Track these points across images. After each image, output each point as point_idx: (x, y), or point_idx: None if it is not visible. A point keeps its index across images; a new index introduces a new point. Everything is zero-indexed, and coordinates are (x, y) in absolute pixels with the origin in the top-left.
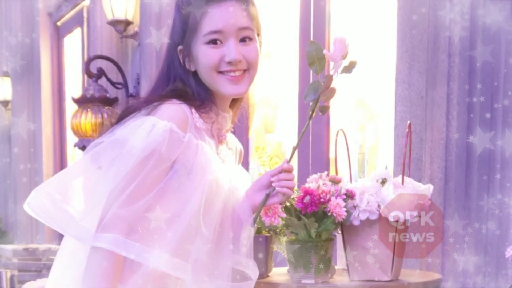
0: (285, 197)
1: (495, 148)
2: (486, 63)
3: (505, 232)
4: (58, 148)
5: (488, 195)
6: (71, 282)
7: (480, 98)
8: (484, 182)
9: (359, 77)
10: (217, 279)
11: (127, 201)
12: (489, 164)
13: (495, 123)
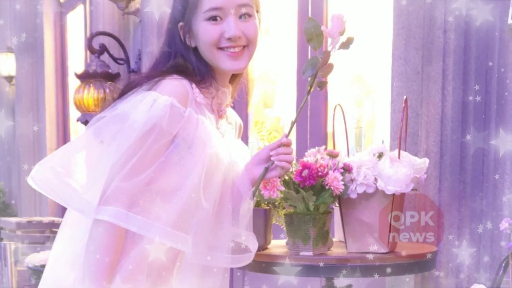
0: (284, 170)
1: (490, 122)
2: (481, 39)
3: (499, 205)
4: (61, 123)
5: (483, 169)
6: (74, 254)
7: (475, 74)
8: (479, 156)
9: (356, 53)
10: (217, 251)
11: (129, 175)
12: (483, 138)
13: (490, 98)
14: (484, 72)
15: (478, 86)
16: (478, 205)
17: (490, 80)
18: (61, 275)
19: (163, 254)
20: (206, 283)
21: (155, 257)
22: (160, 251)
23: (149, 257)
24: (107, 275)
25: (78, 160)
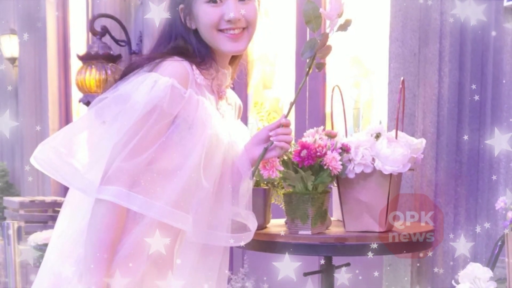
0: (283, 151)
1: (486, 103)
2: (477, 21)
3: (495, 183)
4: (63, 104)
5: (479, 148)
6: (76, 233)
7: (471, 56)
8: (475, 136)
9: (354, 35)
10: (217, 230)
11: (130, 155)
12: (479, 119)
13: (486, 79)
14: (480, 54)
15: (474, 67)
16: (474, 184)
17: (486, 62)
18: (63, 253)
19: (163, 233)
20: (206, 261)
21: (156, 236)
22: (161, 230)
23: (150, 236)
24: (109, 253)
25: (80, 141)
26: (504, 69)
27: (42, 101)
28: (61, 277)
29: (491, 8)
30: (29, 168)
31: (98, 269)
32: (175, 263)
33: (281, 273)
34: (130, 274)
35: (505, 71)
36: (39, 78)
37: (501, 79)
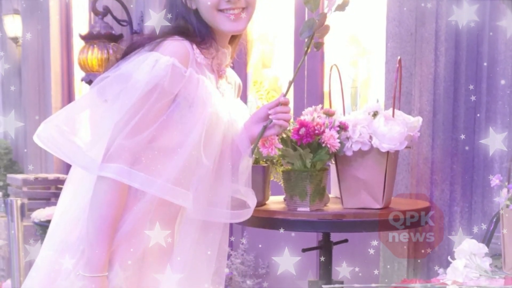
0: (282, 129)
1: (481, 81)
2: (473, 1)
3: (490, 161)
4: (66, 82)
5: (475, 126)
6: (78, 209)
7: (467, 35)
8: (471, 114)
9: (352, 15)
10: (217, 207)
11: (132, 133)
12: (475, 97)
13: (481, 58)
14: (475, 33)
15: (470, 46)
16: (470, 161)
17: (481, 41)
18: (66, 230)
19: (165, 210)
20: (207, 237)
21: (157, 212)
22: (162, 207)
23: (151, 212)
24: (110, 229)
25: (82, 119)
26: (499, 48)
27: (45, 80)
28: (63, 254)
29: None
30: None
31: (100, 245)
32: (176, 238)
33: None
34: (131, 250)
35: (500, 50)
36: (42, 57)
37: (496, 58)
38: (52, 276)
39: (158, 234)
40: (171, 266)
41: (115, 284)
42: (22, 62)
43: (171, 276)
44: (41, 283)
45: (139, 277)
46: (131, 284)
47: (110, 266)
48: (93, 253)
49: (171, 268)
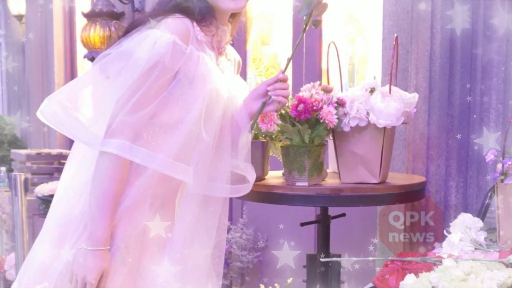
0: (280, 105)
1: (476, 58)
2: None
3: (485, 137)
4: (68, 59)
5: (470, 102)
6: (81, 184)
7: (463, 9)
8: (466, 91)
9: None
10: (217, 181)
11: (133, 109)
12: (470, 74)
13: (476, 36)
14: (471, 10)
15: (465, 24)
16: (465, 137)
17: (476, 18)
18: (69, 204)
19: (165, 184)
20: (207, 212)
21: (158, 187)
22: (163, 182)
23: (152, 187)
24: (112, 204)
25: (84, 95)
26: (494, 26)
27: (48, 57)
28: (66, 228)
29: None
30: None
31: (102, 219)
32: (177, 213)
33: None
34: (133, 224)
35: (495, 28)
36: (45, 34)
37: (491, 35)
38: (55, 250)
39: (159, 208)
40: (172, 240)
41: (117, 258)
42: (26, 40)
43: (172, 249)
44: (44, 256)
45: (140, 250)
46: (132, 257)
47: (112, 240)
48: (95, 227)
49: (172, 242)
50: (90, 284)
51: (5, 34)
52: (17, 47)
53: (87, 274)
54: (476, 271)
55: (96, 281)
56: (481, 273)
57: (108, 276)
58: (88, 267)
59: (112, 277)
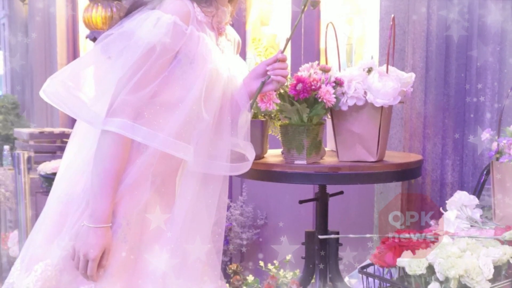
0: (279, 84)
1: (472, 39)
2: None
3: (481, 116)
4: (71, 40)
5: (466, 82)
6: (83, 163)
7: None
8: (462, 70)
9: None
10: (216, 160)
11: (134, 88)
12: (466, 54)
13: (472, 16)
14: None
15: (461, 4)
16: (461, 116)
17: (472, 0)
18: (71, 182)
19: (166, 163)
20: (207, 189)
21: (159, 165)
22: (163, 160)
23: (153, 165)
24: (114, 182)
25: (87, 75)
26: (489, 6)
27: (51, 37)
28: (69, 205)
29: None
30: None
31: (103, 197)
32: (177, 190)
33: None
34: (134, 202)
35: (490, 8)
36: (48, 15)
37: (486, 15)
38: (57, 227)
39: (161, 186)
40: (172, 217)
41: (118, 235)
42: (29, 20)
43: (173, 226)
44: (46, 234)
45: (141, 227)
46: (133, 234)
47: (114, 218)
48: (97, 205)
49: (173, 219)
50: (92, 261)
51: (8, 15)
52: (20, 27)
53: (89, 251)
54: (472, 248)
55: (98, 257)
56: (477, 250)
57: (110, 252)
58: (90, 244)
59: (113, 254)
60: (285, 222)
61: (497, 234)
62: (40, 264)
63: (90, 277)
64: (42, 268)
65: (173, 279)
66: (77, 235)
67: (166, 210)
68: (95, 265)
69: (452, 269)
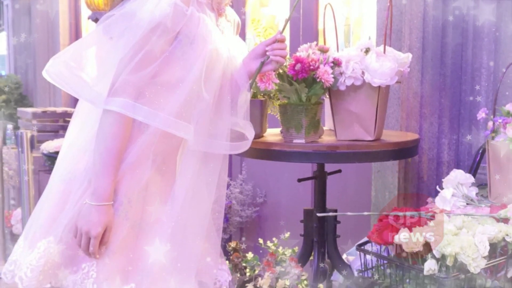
0: (278, 64)
1: (468, 19)
2: None
3: (477, 94)
4: (73, 20)
5: (462, 62)
6: (85, 141)
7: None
8: (458, 51)
9: None
10: (216, 138)
11: (136, 69)
12: (462, 35)
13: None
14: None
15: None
16: (457, 96)
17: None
18: (73, 161)
19: (167, 142)
20: (207, 168)
21: (160, 144)
22: (164, 139)
23: (154, 144)
24: (116, 160)
25: (89, 55)
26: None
27: (54, 18)
28: (71, 184)
29: None
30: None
31: (105, 175)
32: (178, 169)
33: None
34: (135, 180)
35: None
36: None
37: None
38: (60, 205)
39: (161, 164)
40: (173, 195)
41: (120, 213)
42: (32, 2)
43: (173, 204)
44: (49, 211)
45: (142, 205)
46: (135, 212)
47: (115, 196)
48: (99, 183)
49: (173, 197)
50: (94, 238)
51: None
52: (23, 8)
53: (91, 228)
54: (468, 225)
55: (100, 235)
56: (473, 228)
57: (111, 230)
58: (92, 222)
59: (115, 231)
60: (284, 200)
61: (493, 212)
62: (43, 241)
63: (92, 254)
64: (45, 245)
65: (174, 256)
66: (79, 213)
67: (166, 188)
68: (97, 242)
69: (448, 247)
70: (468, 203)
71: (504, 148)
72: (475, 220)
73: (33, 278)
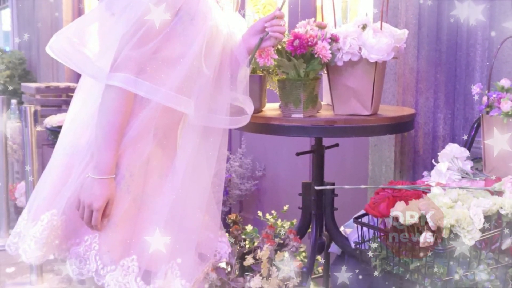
0: (277, 40)
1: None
2: None
3: (471, 71)
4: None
5: (457, 39)
6: (88, 116)
7: None
8: (454, 27)
9: None
10: (216, 113)
11: (137, 44)
12: (457, 11)
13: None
14: None
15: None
16: (452, 71)
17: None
18: (76, 135)
19: (168, 116)
20: (207, 142)
21: (161, 119)
22: (165, 114)
23: (155, 119)
24: (118, 134)
25: (91, 31)
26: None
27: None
28: (74, 157)
29: None
30: (44, 56)
31: (107, 149)
32: (179, 143)
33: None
34: (137, 154)
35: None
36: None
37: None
38: (63, 178)
39: (162, 138)
40: (174, 168)
41: (121, 186)
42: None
43: (174, 178)
44: (52, 184)
45: (144, 179)
46: (136, 185)
47: (117, 169)
48: (102, 157)
49: (174, 170)
50: (96, 211)
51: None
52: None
53: (94, 201)
54: (463, 198)
55: (102, 208)
56: (468, 201)
57: (113, 203)
58: (94, 195)
59: (117, 204)
60: (282, 174)
61: (488, 185)
62: (46, 214)
63: (95, 227)
64: (48, 218)
65: (174, 228)
66: (82, 186)
67: (167, 162)
68: (99, 215)
69: (444, 219)
70: (463, 177)
71: (498, 122)
72: (470, 193)
73: (37, 250)
